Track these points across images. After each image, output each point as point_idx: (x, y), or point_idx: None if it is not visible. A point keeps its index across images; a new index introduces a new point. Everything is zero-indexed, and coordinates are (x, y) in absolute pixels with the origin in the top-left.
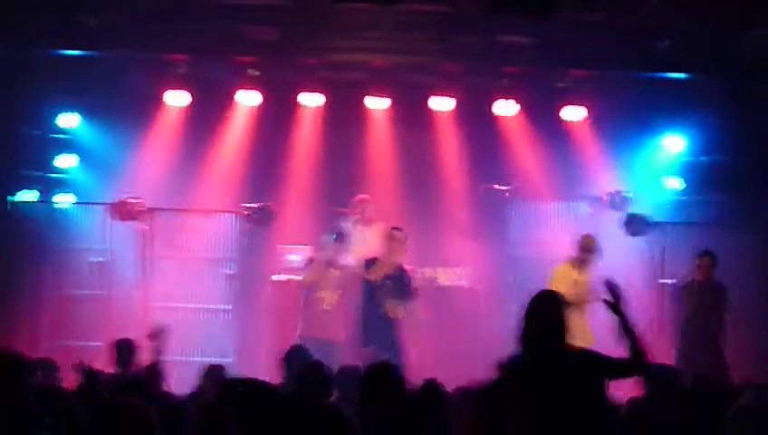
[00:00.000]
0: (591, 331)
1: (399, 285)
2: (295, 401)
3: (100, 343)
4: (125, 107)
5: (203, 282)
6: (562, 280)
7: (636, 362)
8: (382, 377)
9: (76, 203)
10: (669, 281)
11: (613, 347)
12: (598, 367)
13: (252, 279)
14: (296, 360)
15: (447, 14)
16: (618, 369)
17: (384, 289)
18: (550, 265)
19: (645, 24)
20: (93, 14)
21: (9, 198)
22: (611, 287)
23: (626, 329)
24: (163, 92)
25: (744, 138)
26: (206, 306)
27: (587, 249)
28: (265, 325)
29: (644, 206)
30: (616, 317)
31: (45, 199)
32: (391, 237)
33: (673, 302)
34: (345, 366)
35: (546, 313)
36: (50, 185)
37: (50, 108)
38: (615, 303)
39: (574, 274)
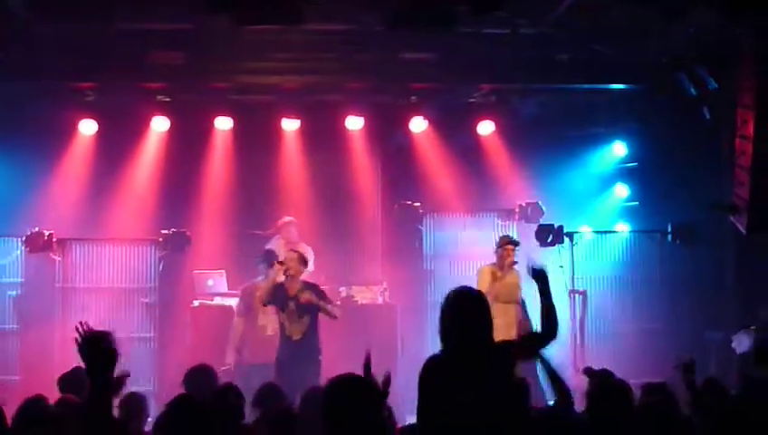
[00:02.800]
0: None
1: (305, 303)
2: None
3: (16, 377)
4: (33, 136)
5: (121, 311)
6: (484, 276)
7: (546, 326)
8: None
9: None
10: (580, 289)
11: None
12: (512, 351)
13: (170, 306)
14: (197, 381)
15: (351, 31)
16: (529, 341)
17: (287, 311)
18: (465, 279)
19: (545, 35)
20: None
21: None
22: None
23: (543, 296)
24: (72, 122)
25: (652, 144)
26: (123, 335)
27: (499, 245)
28: (186, 352)
29: (556, 216)
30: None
31: None
32: (285, 258)
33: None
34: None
35: (465, 309)
36: None
37: None
38: (539, 276)
39: (497, 273)
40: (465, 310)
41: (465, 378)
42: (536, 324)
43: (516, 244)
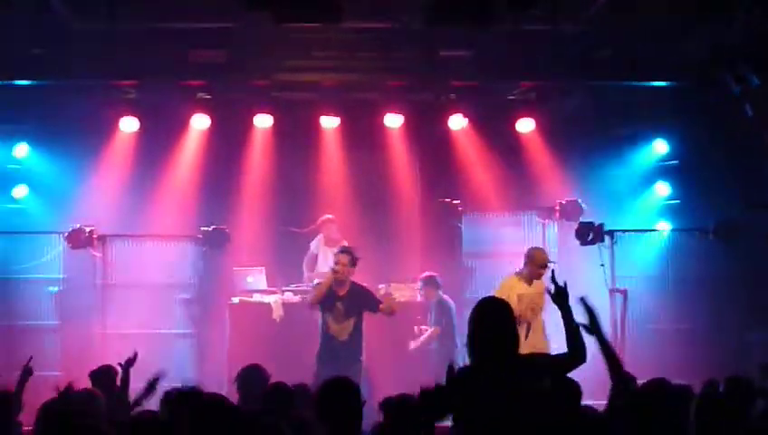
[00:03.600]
0: (544, 343)
1: (353, 303)
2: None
3: (56, 373)
4: (75, 134)
5: (160, 308)
6: (508, 292)
7: (574, 350)
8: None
9: (29, 233)
10: (621, 288)
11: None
12: (541, 366)
13: (210, 303)
14: (249, 381)
15: (390, 29)
16: (560, 361)
17: (334, 312)
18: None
19: (586, 32)
20: (40, 44)
21: None
22: (587, 309)
23: (604, 351)
24: (113, 119)
25: (693, 142)
26: (164, 332)
27: (536, 264)
28: (225, 348)
29: (597, 215)
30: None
31: None
32: (335, 262)
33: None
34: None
35: (492, 319)
36: (3, 215)
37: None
38: (594, 326)
39: (521, 287)
40: (488, 321)
41: (491, 390)
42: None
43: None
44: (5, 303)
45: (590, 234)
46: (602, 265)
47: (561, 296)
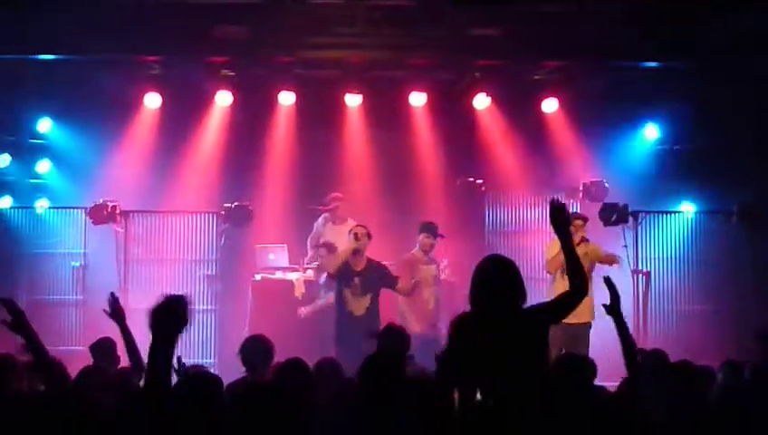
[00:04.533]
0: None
1: (369, 280)
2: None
3: (80, 348)
4: (98, 110)
5: (182, 283)
6: (553, 247)
7: (572, 280)
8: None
9: (52, 208)
10: (644, 269)
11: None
12: (541, 312)
13: (232, 279)
14: (251, 352)
15: (415, 7)
16: (557, 305)
17: (351, 287)
18: (526, 256)
19: (612, 11)
20: (63, 18)
21: None
22: (611, 288)
23: (621, 333)
24: (136, 95)
25: (718, 124)
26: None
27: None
28: (247, 325)
29: (621, 195)
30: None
31: (21, 205)
32: (354, 236)
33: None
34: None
35: (499, 275)
36: (27, 190)
37: (22, 113)
38: (614, 306)
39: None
40: (489, 274)
41: (487, 342)
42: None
43: (583, 219)
44: (29, 277)
45: (614, 215)
46: (625, 245)
47: (558, 216)
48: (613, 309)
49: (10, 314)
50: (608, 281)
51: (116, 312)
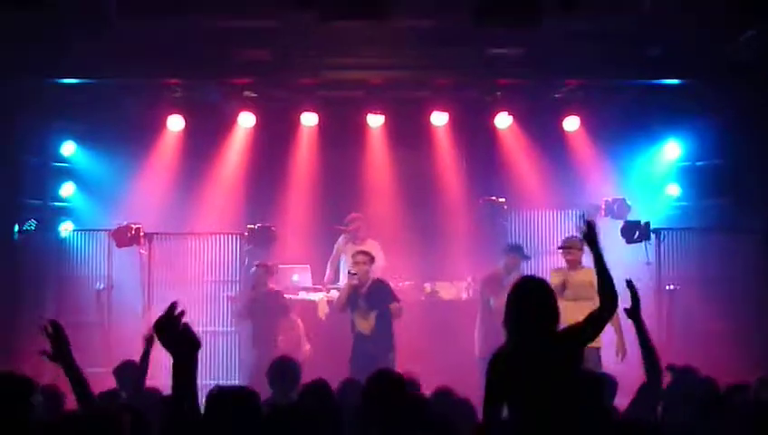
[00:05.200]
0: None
1: (374, 297)
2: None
3: (101, 369)
4: (121, 133)
5: (206, 305)
6: (552, 278)
7: (602, 296)
8: (383, 386)
9: (76, 230)
10: (669, 287)
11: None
12: (573, 338)
13: None
14: (280, 374)
15: (437, 27)
16: (587, 326)
17: (357, 308)
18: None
19: (636, 29)
20: (87, 41)
21: (14, 227)
22: (632, 291)
23: (641, 337)
24: (159, 117)
25: (741, 141)
26: (210, 329)
27: (566, 248)
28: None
29: (643, 213)
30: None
31: (47, 228)
32: (354, 262)
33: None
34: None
35: (530, 298)
36: (51, 213)
37: (47, 136)
38: (635, 310)
39: (565, 274)
40: (521, 298)
41: (527, 371)
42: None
43: (574, 244)
44: (54, 298)
45: (636, 232)
46: (648, 263)
47: (588, 236)
48: (633, 313)
49: (53, 342)
50: (630, 284)
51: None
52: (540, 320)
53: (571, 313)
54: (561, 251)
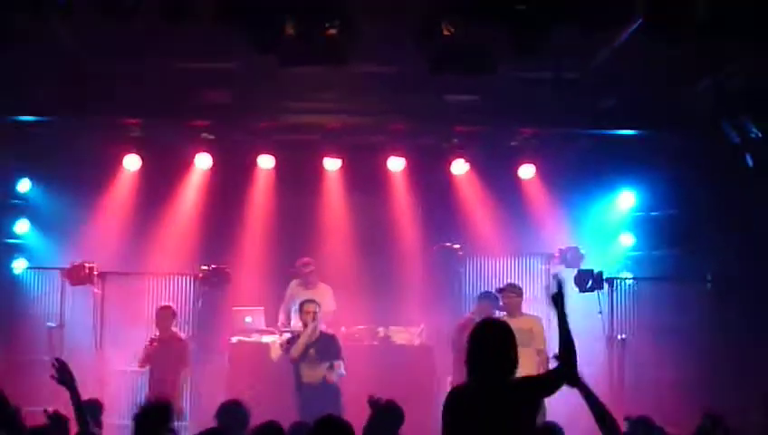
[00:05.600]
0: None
1: (324, 349)
2: None
3: (50, 408)
4: (78, 171)
5: None
6: None
7: (564, 366)
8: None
9: (29, 268)
10: (621, 336)
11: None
12: (530, 388)
13: (209, 341)
14: (229, 416)
15: (395, 73)
16: (548, 381)
17: (307, 359)
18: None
19: (590, 80)
20: (44, 80)
21: None
22: (558, 282)
23: (561, 324)
24: (116, 156)
25: (695, 191)
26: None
27: (504, 292)
28: (223, 387)
29: (596, 262)
30: (555, 311)
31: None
32: (302, 311)
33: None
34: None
35: (487, 340)
36: (4, 249)
37: (2, 172)
38: (558, 297)
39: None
40: (486, 339)
41: (481, 410)
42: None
43: (513, 291)
44: (5, 335)
45: (589, 281)
46: (600, 312)
47: (555, 297)
48: (555, 300)
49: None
50: (555, 276)
51: (64, 376)
52: (499, 362)
53: None
54: (499, 295)
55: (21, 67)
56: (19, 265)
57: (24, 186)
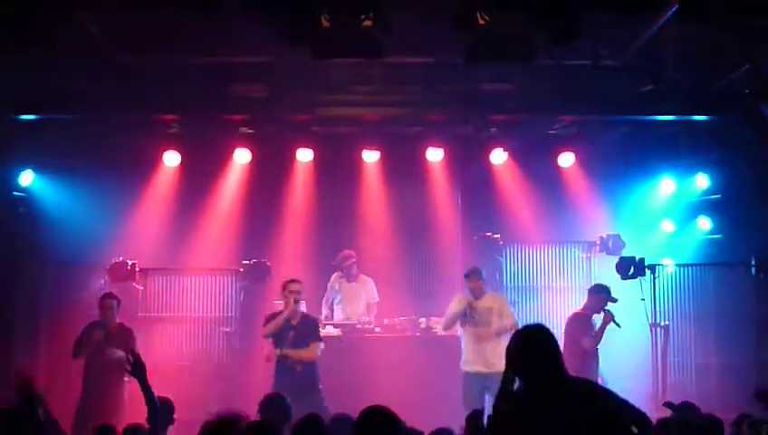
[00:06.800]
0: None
1: (303, 331)
2: None
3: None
4: (118, 168)
5: (202, 341)
6: (457, 304)
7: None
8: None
9: (73, 265)
10: (663, 322)
11: None
12: (607, 410)
13: (250, 336)
14: (271, 409)
15: (432, 64)
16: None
17: (285, 339)
18: (545, 311)
19: (628, 66)
20: (83, 78)
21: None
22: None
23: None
24: (156, 153)
25: (735, 176)
26: (205, 364)
27: (466, 276)
28: (265, 381)
29: (637, 249)
30: None
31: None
32: (285, 289)
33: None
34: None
35: (543, 344)
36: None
37: (40, 172)
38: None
39: (469, 301)
40: (537, 346)
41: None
42: None
43: (478, 275)
44: (47, 332)
45: (630, 268)
46: (643, 299)
47: None
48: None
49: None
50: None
51: (137, 369)
52: (560, 366)
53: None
54: (466, 279)
55: (57, 65)
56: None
57: (63, 185)
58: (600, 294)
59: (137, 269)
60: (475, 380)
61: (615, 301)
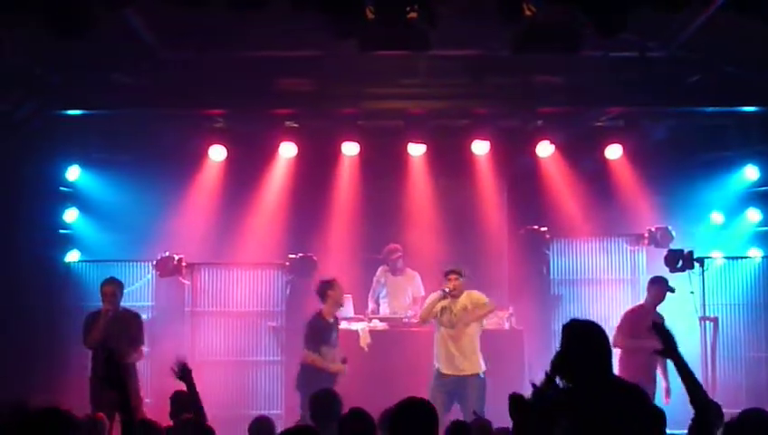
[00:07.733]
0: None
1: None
2: None
3: (147, 400)
4: (164, 163)
5: (248, 335)
6: (431, 306)
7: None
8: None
9: (119, 260)
10: (713, 315)
11: None
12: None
13: (297, 330)
14: (321, 405)
15: (478, 56)
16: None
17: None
18: (593, 305)
19: (676, 57)
20: (129, 73)
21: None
22: (660, 332)
23: (683, 374)
24: (202, 148)
25: None
26: (251, 359)
27: (444, 275)
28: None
29: (686, 241)
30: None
31: (88, 258)
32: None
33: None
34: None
35: (590, 341)
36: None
37: (86, 167)
38: (669, 348)
39: (444, 301)
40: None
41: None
42: None
43: (453, 273)
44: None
45: (679, 261)
46: (692, 292)
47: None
48: (667, 352)
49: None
50: (655, 326)
51: (183, 373)
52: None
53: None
54: (445, 278)
55: (102, 60)
56: (109, 259)
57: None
58: (656, 286)
59: (183, 264)
60: (446, 381)
61: (673, 291)
